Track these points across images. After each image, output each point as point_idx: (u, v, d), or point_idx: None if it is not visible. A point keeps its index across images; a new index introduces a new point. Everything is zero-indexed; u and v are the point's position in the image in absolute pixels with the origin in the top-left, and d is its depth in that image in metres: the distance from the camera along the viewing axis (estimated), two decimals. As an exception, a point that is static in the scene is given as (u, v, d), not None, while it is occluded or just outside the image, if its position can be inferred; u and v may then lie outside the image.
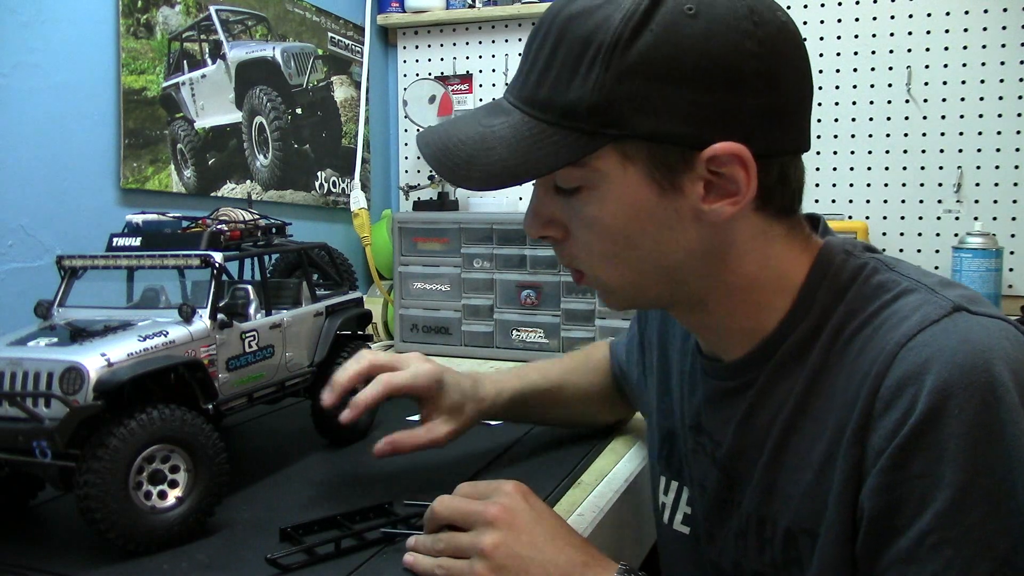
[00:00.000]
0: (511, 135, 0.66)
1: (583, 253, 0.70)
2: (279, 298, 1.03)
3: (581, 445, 1.08)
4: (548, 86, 0.65)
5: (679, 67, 0.61)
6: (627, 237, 0.67)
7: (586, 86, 0.62)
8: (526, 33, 2.13)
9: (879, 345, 0.63)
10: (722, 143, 0.63)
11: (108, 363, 0.75)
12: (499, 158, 0.65)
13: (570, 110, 0.63)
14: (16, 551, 0.78)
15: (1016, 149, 1.78)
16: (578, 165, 0.65)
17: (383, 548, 0.78)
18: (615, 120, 0.62)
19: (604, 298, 0.74)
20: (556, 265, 1.67)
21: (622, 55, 0.61)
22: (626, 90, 0.62)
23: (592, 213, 0.67)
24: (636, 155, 0.64)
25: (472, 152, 0.67)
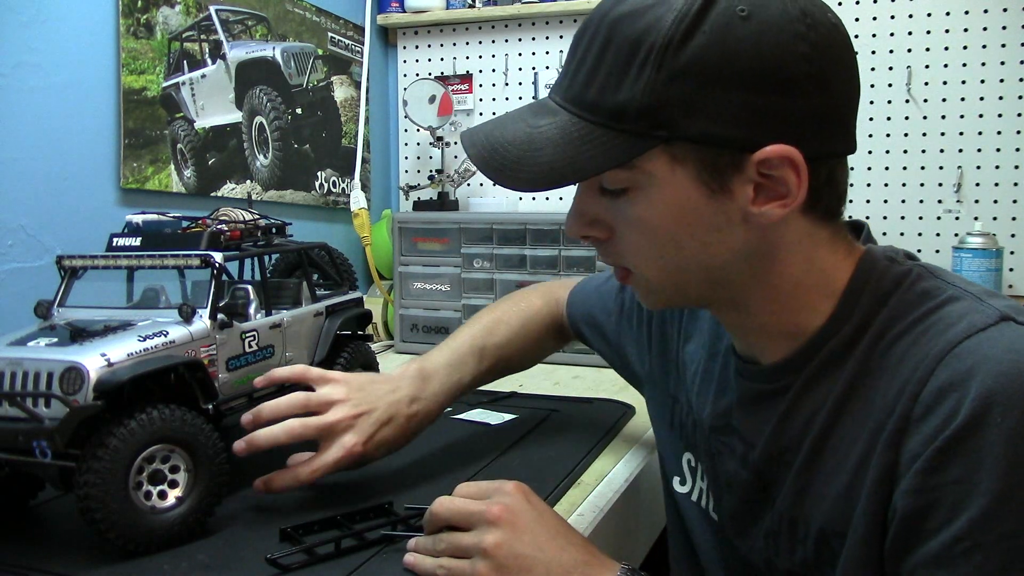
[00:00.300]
0: (559, 136, 0.65)
1: (629, 253, 0.70)
2: (279, 298, 1.03)
3: (581, 445, 1.08)
4: (597, 87, 0.64)
5: (731, 69, 0.61)
6: (674, 239, 0.67)
7: (636, 88, 0.62)
8: (526, 33, 2.14)
9: (923, 351, 0.63)
10: (773, 146, 0.62)
11: (108, 363, 0.75)
12: (547, 159, 0.65)
13: (619, 112, 0.63)
14: (16, 551, 0.78)
15: (1016, 149, 1.78)
16: (626, 167, 0.64)
17: (383, 548, 0.78)
18: (665, 122, 0.62)
19: (645, 297, 0.74)
20: (556, 265, 1.67)
21: (674, 57, 0.61)
22: (677, 92, 0.61)
23: (639, 214, 0.67)
24: (685, 157, 0.64)
25: (520, 154, 0.66)
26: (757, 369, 0.75)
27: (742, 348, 0.78)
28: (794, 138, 0.63)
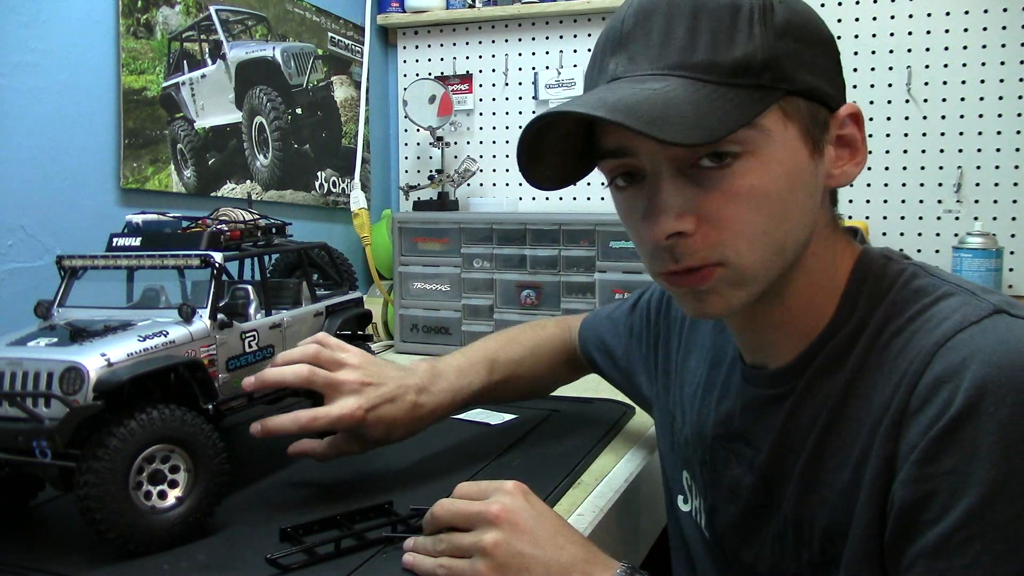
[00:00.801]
0: (686, 96, 0.61)
1: (729, 236, 0.64)
2: (279, 298, 1.03)
3: (581, 445, 1.08)
4: (704, 49, 0.63)
5: (811, 32, 0.66)
6: (784, 207, 0.65)
7: (753, 43, 0.63)
8: (526, 33, 2.14)
9: (918, 346, 0.63)
10: (847, 104, 0.68)
11: (108, 363, 0.75)
12: (692, 114, 0.60)
13: (742, 66, 0.62)
14: (16, 551, 0.78)
15: (1016, 149, 1.78)
16: (750, 125, 0.62)
17: (383, 548, 0.78)
18: (784, 75, 0.63)
19: (719, 299, 0.67)
20: (556, 265, 1.67)
21: (772, 17, 0.64)
22: (786, 47, 0.64)
23: (752, 182, 0.64)
24: (795, 114, 0.65)
25: (661, 111, 0.60)
26: (763, 374, 0.75)
27: (750, 354, 0.78)
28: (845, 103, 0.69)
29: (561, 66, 2.12)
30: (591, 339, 1.12)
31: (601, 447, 1.08)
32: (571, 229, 1.65)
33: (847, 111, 0.68)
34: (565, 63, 2.12)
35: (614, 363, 1.08)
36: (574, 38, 2.12)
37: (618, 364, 1.07)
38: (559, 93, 2.11)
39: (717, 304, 0.68)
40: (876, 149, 1.88)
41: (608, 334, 1.08)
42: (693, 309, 0.70)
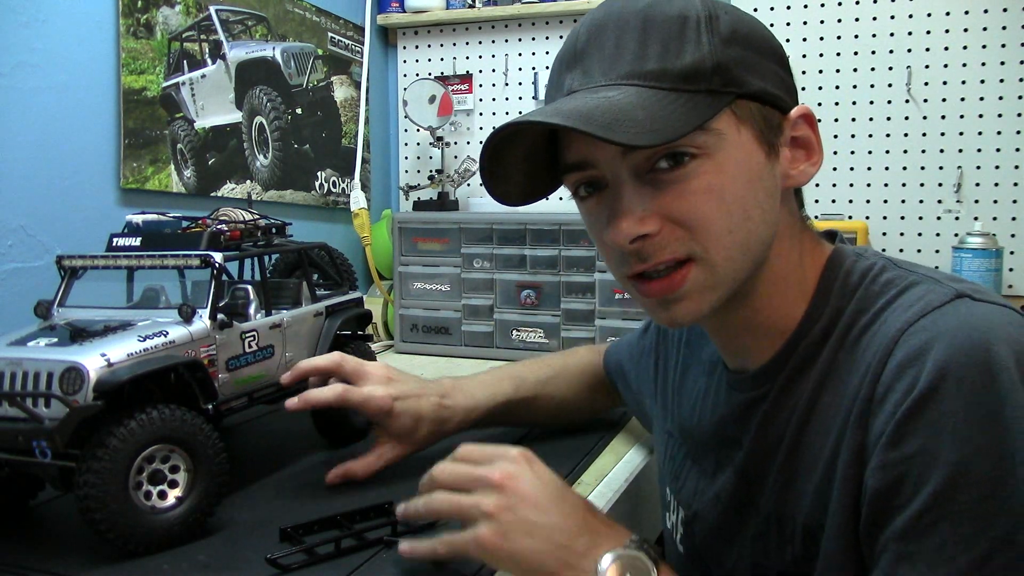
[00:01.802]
0: (640, 101, 0.63)
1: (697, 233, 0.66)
2: (279, 298, 1.03)
3: (581, 445, 1.08)
4: (655, 58, 0.65)
5: (757, 40, 0.68)
6: (743, 205, 0.66)
7: (701, 49, 0.65)
8: (526, 33, 2.14)
9: (883, 335, 0.64)
10: (798, 106, 0.70)
11: (108, 363, 0.75)
12: (644, 118, 0.62)
13: (692, 72, 0.64)
14: (16, 551, 0.78)
15: (1016, 149, 1.78)
16: (703, 129, 0.64)
17: (383, 548, 0.78)
18: (734, 79, 0.66)
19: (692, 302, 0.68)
20: (556, 265, 1.67)
21: (718, 26, 0.66)
22: (733, 53, 0.66)
23: (709, 182, 0.65)
24: (748, 116, 0.67)
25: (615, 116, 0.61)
26: (743, 378, 0.76)
27: (731, 360, 0.79)
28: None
29: (561, 66, 2.12)
30: (612, 362, 1.11)
31: (601, 447, 1.08)
32: (571, 229, 1.65)
33: (798, 112, 0.70)
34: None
35: (628, 386, 1.08)
36: (574, 38, 2.12)
37: (631, 387, 1.07)
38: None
39: (687, 309, 0.68)
40: (876, 149, 1.88)
41: (625, 356, 1.08)
42: (662, 317, 0.70)
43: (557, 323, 1.67)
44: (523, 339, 1.70)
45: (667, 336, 0.96)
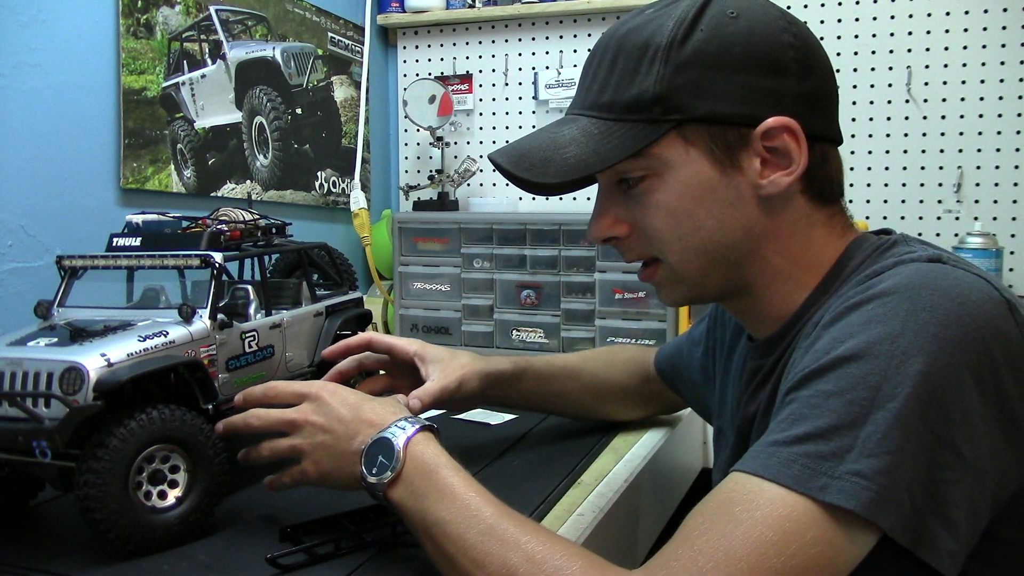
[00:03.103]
0: (580, 135, 0.72)
1: (653, 240, 0.74)
2: (279, 298, 1.03)
3: (581, 445, 1.08)
4: (611, 90, 0.72)
5: (728, 57, 0.70)
6: (692, 217, 0.72)
7: (647, 80, 0.70)
8: (526, 33, 2.14)
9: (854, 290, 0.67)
10: (774, 117, 0.70)
11: (108, 363, 0.75)
12: (572, 155, 0.71)
13: (634, 104, 0.70)
14: (16, 551, 0.78)
15: (1016, 149, 1.78)
16: (644, 155, 0.71)
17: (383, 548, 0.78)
18: (676, 107, 0.70)
19: (671, 290, 0.78)
20: (556, 265, 1.67)
21: (678, 52, 0.69)
22: (684, 79, 0.69)
23: (658, 199, 0.72)
24: (697, 138, 0.71)
25: (547, 154, 0.72)
26: (754, 346, 0.81)
27: (753, 332, 0.82)
28: (788, 114, 0.70)
29: (561, 66, 2.12)
30: (663, 357, 1.10)
31: (601, 447, 1.08)
32: (571, 229, 1.65)
33: (773, 124, 0.70)
34: (565, 63, 2.12)
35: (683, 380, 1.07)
36: (574, 38, 2.12)
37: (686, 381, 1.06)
38: (559, 93, 2.11)
39: (667, 295, 0.79)
40: (876, 149, 1.88)
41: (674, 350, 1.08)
42: (659, 297, 0.81)
43: (557, 323, 1.67)
44: (523, 339, 1.70)
45: (723, 322, 0.96)
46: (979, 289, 0.62)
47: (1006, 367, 0.60)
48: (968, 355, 0.58)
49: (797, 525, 0.55)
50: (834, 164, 0.76)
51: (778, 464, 0.58)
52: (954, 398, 0.58)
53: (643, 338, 1.59)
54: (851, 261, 0.73)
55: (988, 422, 0.59)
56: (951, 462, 0.57)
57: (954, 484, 0.57)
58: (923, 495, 0.56)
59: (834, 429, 0.58)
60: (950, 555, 0.57)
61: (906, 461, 0.56)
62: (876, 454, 0.56)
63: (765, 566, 0.54)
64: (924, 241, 0.73)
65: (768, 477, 0.57)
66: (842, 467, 0.56)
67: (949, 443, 0.57)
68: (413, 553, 0.76)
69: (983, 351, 0.59)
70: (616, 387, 1.12)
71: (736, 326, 0.92)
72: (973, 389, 0.58)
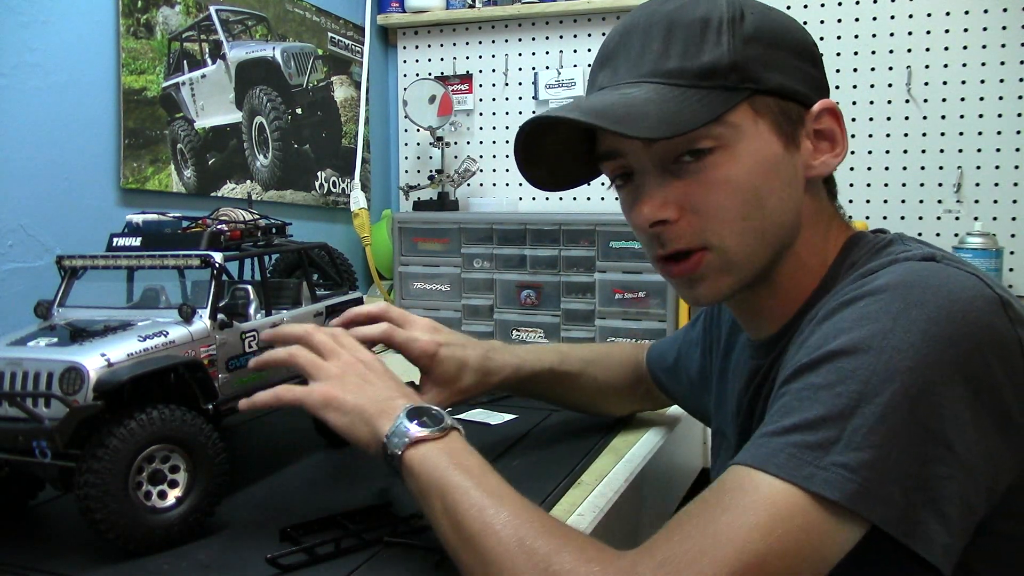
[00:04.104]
0: (657, 97, 0.69)
1: (711, 221, 0.71)
2: (279, 298, 1.03)
3: (581, 445, 1.08)
4: (676, 58, 0.70)
5: (783, 39, 0.72)
6: (758, 195, 0.71)
7: (720, 49, 0.69)
8: (526, 33, 2.14)
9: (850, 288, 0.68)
10: (822, 100, 0.73)
11: (108, 363, 0.75)
12: (656, 113, 0.67)
13: (709, 70, 0.69)
14: (16, 551, 0.78)
15: (1016, 149, 1.78)
16: (719, 122, 0.69)
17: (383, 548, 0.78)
18: (751, 76, 0.70)
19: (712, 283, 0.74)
20: (556, 265, 1.67)
21: (741, 26, 0.70)
22: (753, 52, 0.70)
23: (726, 173, 0.70)
24: (766, 110, 0.71)
25: (626, 111, 0.68)
26: (755, 345, 0.81)
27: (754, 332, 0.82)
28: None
29: (561, 66, 2.12)
30: (654, 357, 1.11)
31: (601, 447, 1.08)
32: (571, 229, 1.65)
33: (821, 106, 0.73)
34: (565, 63, 2.12)
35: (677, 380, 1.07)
36: (574, 38, 2.12)
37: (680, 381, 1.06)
38: (559, 93, 2.11)
39: (708, 290, 0.74)
40: (876, 149, 1.88)
41: (669, 350, 1.08)
42: (687, 296, 0.77)
43: (557, 323, 1.67)
44: (523, 339, 1.70)
45: (719, 321, 0.97)
46: (971, 286, 0.62)
47: (998, 363, 0.60)
48: (959, 351, 0.59)
49: (783, 512, 0.56)
50: None
51: (766, 453, 0.59)
52: (944, 393, 0.58)
53: (643, 338, 1.59)
54: (848, 259, 0.74)
55: (980, 417, 0.59)
56: (942, 457, 0.57)
57: (946, 479, 0.57)
58: (915, 489, 0.57)
59: (821, 420, 0.58)
60: (944, 548, 0.57)
61: (894, 455, 0.57)
62: (862, 447, 0.57)
63: (750, 549, 0.55)
64: (920, 240, 0.74)
65: (757, 466, 0.58)
66: (828, 458, 0.57)
67: (940, 438, 0.57)
68: (413, 553, 0.76)
69: (974, 347, 0.59)
70: (610, 387, 1.12)
71: (732, 325, 0.92)
72: (964, 385, 0.58)
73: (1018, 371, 0.61)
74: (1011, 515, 0.62)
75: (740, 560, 0.54)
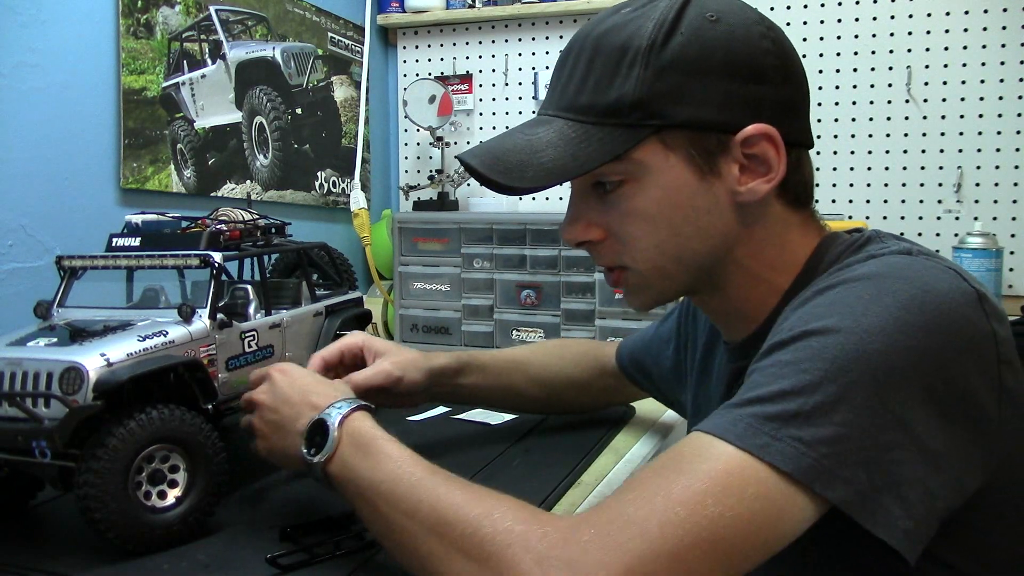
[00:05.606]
0: (558, 139, 0.70)
1: (627, 248, 0.73)
2: (279, 298, 1.03)
3: (581, 445, 1.08)
4: (588, 92, 0.70)
5: (709, 62, 0.68)
6: (670, 224, 0.71)
7: (627, 84, 0.68)
8: (526, 33, 2.14)
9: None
10: (753, 125, 0.69)
11: (107, 363, 0.75)
12: (549, 159, 0.69)
13: (613, 108, 0.69)
14: (16, 551, 0.78)
15: (1016, 149, 1.78)
16: (623, 159, 0.69)
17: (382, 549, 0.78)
18: (657, 112, 0.68)
19: (636, 296, 0.77)
20: (556, 265, 1.67)
21: (658, 56, 0.68)
22: (665, 84, 0.68)
23: (636, 205, 0.71)
24: (676, 144, 0.69)
25: (523, 157, 0.70)
26: (729, 349, 0.81)
27: (727, 334, 0.82)
28: (767, 121, 0.70)
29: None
30: (625, 353, 1.11)
31: (601, 447, 1.08)
32: (571, 229, 1.65)
33: (753, 132, 0.69)
34: (565, 63, 2.12)
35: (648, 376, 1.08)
36: (574, 38, 2.12)
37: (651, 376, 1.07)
38: (559, 93, 2.11)
39: (635, 300, 0.78)
40: (876, 149, 1.88)
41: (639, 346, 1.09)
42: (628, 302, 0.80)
43: (557, 323, 1.67)
44: (523, 339, 1.70)
45: (694, 320, 0.97)
46: (946, 279, 0.62)
47: (971, 356, 0.60)
48: (930, 340, 0.59)
49: (738, 480, 0.56)
50: (807, 169, 0.76)
51: (727, 422, 0.59)
52: (912, 381, 0.58)
53: (643, 338, 1.59)
54: (826, 258, 0.74)
55: (947, 408, 0.59)
56: (903, 442, 0.57)
57: (906, 463, 0.57)
58: (876, 472, 0.57)
59: (782, 394, 0.58)
60: (906, 533, 0.57)
61: (854, 435, 0.57)
62: (820, 423, 0.57)
63: (702, 513, 0.55)
64: (898, 237, 0.73)
65: (717, 434, 0.59)
66: (784, 430, 0.57)
67: (902, 423, 0.57)
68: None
69: (946, 338, 0.59)
70: (567, 380, 1.13)
71: (711, 326, 0.92)
72: (933, 374, 0.58)
73: (992, 365, 0.61)
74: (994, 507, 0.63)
75: (690, 524, 0.54)
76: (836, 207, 1.90)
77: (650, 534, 0.54)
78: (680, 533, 0.54)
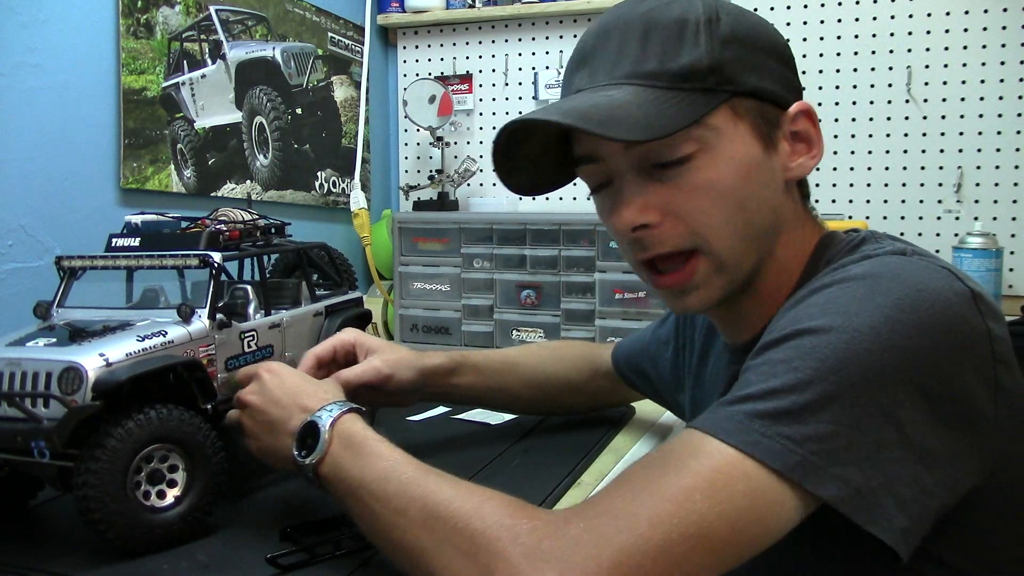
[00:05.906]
0: (637, 100, 0.67)
1: (697, 226, 0.70)
2: (278, 298, 1.03)
3: (581, 445, 1.08)
4: (654, 60, 0.69)
5: (759, 40, 0.71)
6: (740, 198, 0.70)
7: (698, 50, 0.69)
8: (526, 33, 2.14)
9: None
10: (798, 101, 0.73)
11: (107, 363, 0.75)
12: (639, 115, 0.66)
13: (688, 72, 0.68)
14: (16, 551, 0.78)
15: (1016, 149, 1.78)
16: (700, 124, 0.68)
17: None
18: (729, 78, 0.69)
19: (704, 289, 0.73)
20: (556, 265, 1.67)
21: (717, 28, 0.69)
22: (731, 53, 0.69)
23: (707, 177, 0.69)
24: (745, 113, 0.70)
25: (610, 113, 0.66)
26: (731, 350, 0.81)
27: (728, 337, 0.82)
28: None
29: (561, 66, 2.12)
30: (622, 356, 1.11)
31: (601, 447, 1.08)
32: (571, 229, 1.65)
33: (797, 108, 0.73)
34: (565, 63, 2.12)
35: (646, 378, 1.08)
36: (574, 38, 2.12)
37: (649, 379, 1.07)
38: (559, 93, 2.11)
39: (699, 297, 0.74)
40: (876, 149, 1.88)
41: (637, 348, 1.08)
42: (675, 306, 0.77)
43: (557, 323, 1.67)
44: (523, 339, 1.70)
45: (692, 322, 0.97)
46: (940, 279, 0.62)
47: (965, 354, 0.60)
48: (923, 340, 0.59)
49: (727, 477, 0.56)
50: None
51: (718, 420, 0.59)
52: (904, 380, 0.58)
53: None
54: (823, 258, 0.74)
55: (940, 407, 0.59)
56: (896, 440, 0.57)
57: (900, 461, 0.57)
58: (871, 470, 0.57)
59: (773, 392, 0.59)
60: (902, 532, 0.57)
61: (845, 434, 0.57)
62: (810, 421, 0.57)
63: (691, 509, 0.55)
64: (893, 237, 0.73)
65: (707, 431, 0.59)
66: (774, 428, 0.57)
67: (895, 423, 0.58)
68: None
69: (940, 337, 0.59)
70: (560, 381, 1.12)
71: (707, 329, 0.92)
72: (927, 373, 0.59)
73: (987, 364, 0.61)
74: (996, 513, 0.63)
75: (679, 519, 0.55)
76: (836, 207, 1.90)
77: (639, 528, 0.54)
78: (668, 528, 0.54)
